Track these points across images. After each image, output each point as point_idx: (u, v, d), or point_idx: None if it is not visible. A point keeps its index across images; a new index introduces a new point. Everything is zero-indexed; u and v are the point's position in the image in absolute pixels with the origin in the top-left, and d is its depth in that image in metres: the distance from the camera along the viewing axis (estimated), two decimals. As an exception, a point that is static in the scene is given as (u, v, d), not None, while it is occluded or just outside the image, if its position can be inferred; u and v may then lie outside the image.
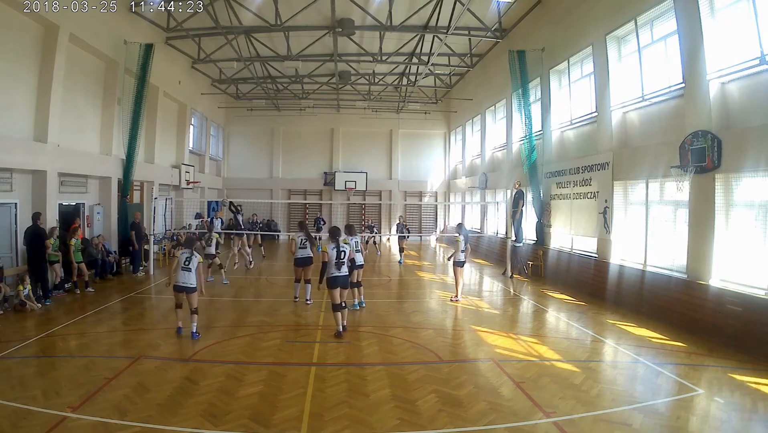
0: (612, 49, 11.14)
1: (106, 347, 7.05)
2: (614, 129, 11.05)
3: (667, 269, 9.38)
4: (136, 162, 14.51)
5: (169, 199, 18.42)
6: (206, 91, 22.01)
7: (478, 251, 19.93)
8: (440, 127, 27.29)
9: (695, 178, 8.34)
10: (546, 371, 6.27)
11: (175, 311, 7.77)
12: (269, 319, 8.90)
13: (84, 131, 13.26)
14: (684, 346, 7.43)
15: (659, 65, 9.77)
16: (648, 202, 10.01)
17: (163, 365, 6.34)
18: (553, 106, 14.15)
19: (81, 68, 12.92)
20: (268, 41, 17.56)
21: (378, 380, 5.91)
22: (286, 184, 26.85)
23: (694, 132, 8.31)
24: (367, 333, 7.97)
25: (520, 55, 14.46)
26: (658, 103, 9.77)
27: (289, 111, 26.03)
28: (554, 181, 13.75)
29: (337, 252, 7.75)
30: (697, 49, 8.29)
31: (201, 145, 23.44)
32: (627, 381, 6.06)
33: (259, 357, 6.73)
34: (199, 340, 7.43)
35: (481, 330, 8.31)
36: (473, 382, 5.90)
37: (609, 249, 11.05)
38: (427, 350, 7.16)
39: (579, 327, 8.62)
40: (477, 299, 11.16)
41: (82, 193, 13.39)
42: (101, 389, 5.41)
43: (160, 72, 15.96)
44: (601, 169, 11.38)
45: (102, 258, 12.47)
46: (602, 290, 10.83)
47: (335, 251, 7.74)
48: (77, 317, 8.65)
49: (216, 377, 5.90)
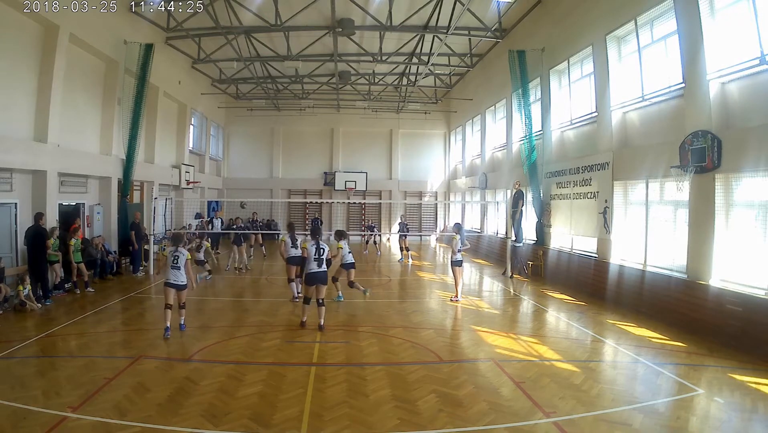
0: (612, 49, 11.14)
1: (106, 347, 7.05)
2: (614, 129, 11.05)
3: (667, 269, 9.37)
4: (136, 162, 14.51)
5: (169, 199, 18.42)
6: (206, 91, 22.02)
7: (478, 251, 19.94)
8: (440, 127, 27.29)
9: (695, 178, 8.34)
10: (546, 371, 6.27)
11: (165, 311, 7.59)
12: (269, 319, 8.90)
13: (84, 131, 13.26)
14: (684, 346, 7.43)
15: (659, 65, 9.77)
16: (648, 202, 10.01)
17: (163, 365, 6.34)
18: (553, 106, 14.15)
19: (81, 68, 12.92)
20: (268, 41, 17.57)
21: (378, 380, 5.91)
22: (286, 184, 26.86)
23: (694, 132, 8.31)
24: (367, 333, 7.97)
25: (520, 55, 14.46)
26: (658, 103, 9.77)
27: (289, 111, 26.03)
28: (554, 181, 13.74)
29: (317, 249, 8.05)
30: (697, 49, 8.29)
31: (201, 145, 23.44)
32: (627, 381, 6.06)
33: (259, 357, 6.73)
34: (199, 339, 7.43)
35: (481, 330, 8.31)
36: (473, 382, 5.90)
37: (609, 249, 11.05)
38: (427, 350, 7.17)
39: (579, 327, 8.62)
40: (477, 299, 11.16)
41: (82, 194, 13.39)
42: (101, 389, 5.41)
43: (160, 72, 15.96)
44: (601, 169, 11.38)
45: (102, 258, 12.48)
46: (602, 290, 10.83)
47: (314, 248, 8.05)
48: (77, 317, 8.65)
49: (216, 377, 5.90)
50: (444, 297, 11.14)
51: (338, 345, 7.27)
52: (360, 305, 10.10)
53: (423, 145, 27.50)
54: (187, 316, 8.14)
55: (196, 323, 8.46)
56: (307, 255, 8.08)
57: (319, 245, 8.10)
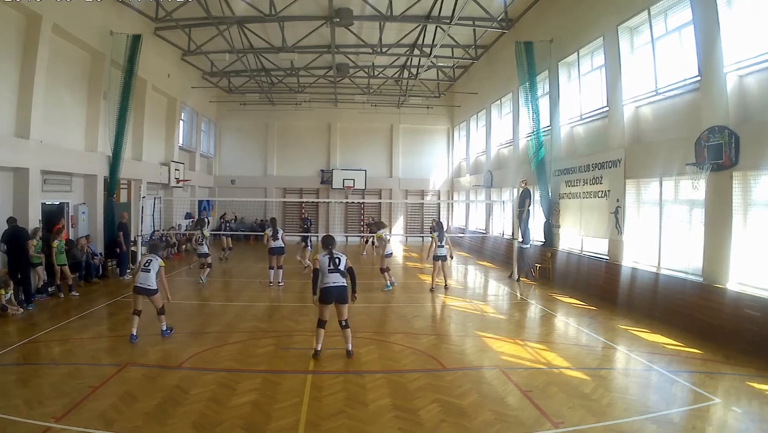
0: (624, 41, 11.14)
1: (92, 354, 7.05)
2: (626, 124, 11.06)
3: (681, 271, 9.38)
4: (123, 159, 14.48)
5: (157, 198, 18.42)
6: (197, 84, 22.01)
7: (482, 253, 19.94)
8: (443, 123, 27.30)
9: (711, 176, 8.34)
10: (554, 379, 6.27)
11: (132, 317, 7.66)
12: (263, 324, 8.91)
13: (68, 127, 13.25)
14: (699, 353, 7.44)
15: (674, 57, 9.77)
16: (662, 202, 10.01)
17: (151, 372, 6.34)
18: (562, 101, 14.15)
19: (65, 60, 12.91)
20: (262, 32, 17.56)
21: (377, 389, 5.91)
22: (281, 183, 26.86)
23: (711, 127, 8.31)
24: (366, 339, 7.97)
25: (527, 46, 14.45)
26: (673, 97, 9.77)
27: (284, 105, 26.02)
28: (563, 180, 13.75)
29: (330, 259, 7.03)
30: (714, 40, 8.29)
31: (191, 141, 23.44)
32: (640, 390, 6.06)
33: (253, 364, 6.73)
34: (189, 346, 7.43)
35: (486, 336, 8.31)
36: (478, 391, 5.90)
37: (621, 251, 11.05)
38: (429, 357, 7.17)
39: (589, 333, 8.62)
40: (482, 303, 11.16)
41: (66, 192, 13.39)
42: (86, 398, 5.40)
43: (148, 64, 15.95)
44: (613, 167, 11.38)
45: (87, 260, 12.47)
46: (613, 293, 10.83)
47: (327, 258, 7.04)
48: (61, 323, 8.65)
49: (207, 385, 5.90)
50: (447, 301, 11.15)
51: (336, 352, 7.25)
52: (358, 309, 10.08)
53: (425, 142, 27.51)
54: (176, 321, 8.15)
55: (186, 328, 8.46)
56: (320, 266, 7.02)
57: (333, 255, 7.05)
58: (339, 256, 7.10)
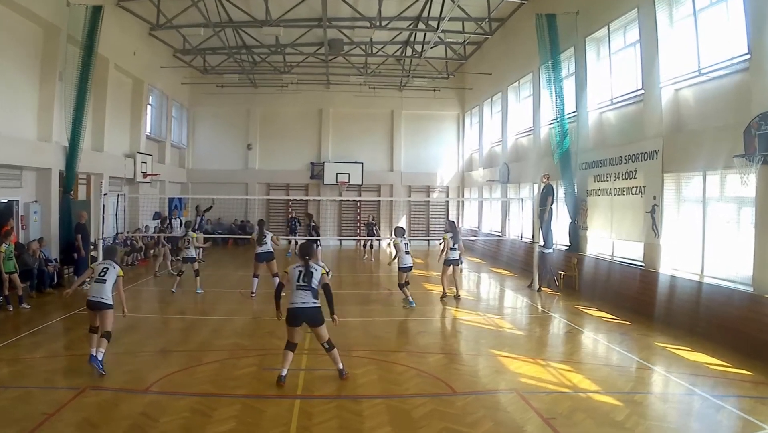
0: (662, 13, 11.14)
1: (45, 376, 7.04)
2: (664, 110, 11.06)
3: (728, 280, 9.38)
4: (82, 150, 14.46)
5: (121, 195, 18.42)
6: (167, 63, 22.02)
7: (498, 259, 19.95)
8: (452, 108, 27.34)
9: (763, 169, 8.34)
10: (581, 405, 6.27)
11: (89, 335, 7.50)
12: (244, 341, 8.91)
13: (18, 113, 13.25)
14: (749, 374, 7.43)
15: (720, 32, 9.77)
16: (706, 200, 10.02)
17: (114, 397, 6.33)
18: (590, 83, 14.16)
19: (13, 36, 12.90)
20: (243, 3, 17.59)
21: (376, 416, 5.91)
22: (265, 178, 26.92)
23: (763, 113, 8.29)
24: (363, 359, 7.97)
25: (549, 19, 14.45)
26: (719, 78, 9.77)
27: (268, 88, 26.02)
28: (591, 174, 13.76)
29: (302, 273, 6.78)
30: (765, 12, 8.29)
31: (160, 129, 23.47)
32: (680, 417, 6.07)
33: (232, 388, 6.73)
34: (158, 366, 7.42)
35: (503, 355, 8.31)
36: (493, 418, 5.91)
37: (658, 256, 11.06)
38: (436, 380, 7.17)
39: (621, 351, 8.63)
40: (497, 317, 11.18)
41: (15, 189, 13.40)
42: (39, 426, 5.39)
43: (110, 40, 15.94)
44: (649, 159, 11.40)
45: (40, 267, 12.46)
46: (649, 305, 10.84)
47: (297, 272, 6.82)
48: (9, 340, 8.63)
49: (178, 412, 5.90)
50: (457, 315, 11.16)
51: (328, 373, 7.24)
52: (354, 324, 10.09)
53: (431, 130, 27.53)
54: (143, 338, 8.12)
55: (154, 346, 8.47)
56: (288, 281, 6.85)
57: (308, 268, 6.79)
58: (314, 269, 6.84)
